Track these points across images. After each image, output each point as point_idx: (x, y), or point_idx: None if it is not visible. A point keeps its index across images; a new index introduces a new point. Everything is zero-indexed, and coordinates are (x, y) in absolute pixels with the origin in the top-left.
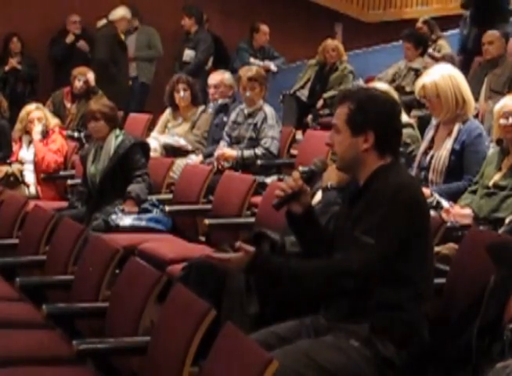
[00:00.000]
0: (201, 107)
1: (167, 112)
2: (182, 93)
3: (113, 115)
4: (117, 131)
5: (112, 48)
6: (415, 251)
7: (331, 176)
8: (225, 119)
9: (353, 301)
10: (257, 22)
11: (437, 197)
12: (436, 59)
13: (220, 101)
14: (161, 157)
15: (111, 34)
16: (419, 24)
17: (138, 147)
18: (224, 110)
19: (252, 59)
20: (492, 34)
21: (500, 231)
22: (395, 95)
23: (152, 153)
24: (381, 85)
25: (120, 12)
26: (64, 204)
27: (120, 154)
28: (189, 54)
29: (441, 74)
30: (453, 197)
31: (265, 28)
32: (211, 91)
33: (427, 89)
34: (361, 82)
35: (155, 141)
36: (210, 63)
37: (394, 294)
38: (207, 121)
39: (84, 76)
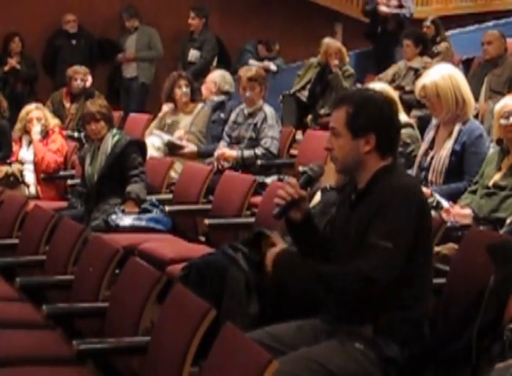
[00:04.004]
0: (201, 104)
1: (165, 108)
2: (184, 89)
3: (111, 115)
4: (114, 131)
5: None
6: (418, 251)
7: (329, 177)
8: (221, 116)
9: (355, 302)
10: (272, 41)
11: (437, 197)
12: None
13: (216, 98)
14: (164, 155)
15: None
16: (427, 23)
17: (135, 146)
18: (220, 107)
19: (251, 61)
20: (491, 34)
21: (501, 232)
22: (393, 93)
23: (155, 152)
24: (378, 85)
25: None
26: (64, 204)
27: (116, 153)
28: (194, 54)
29: (442, 74)
30: (453, 197)
31: (277, 47)
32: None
33: (427, 89)
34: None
35: (159, 139)
36: (214, 63)
37: (397, 293)
38: (204, 117)
39: (83, 75)
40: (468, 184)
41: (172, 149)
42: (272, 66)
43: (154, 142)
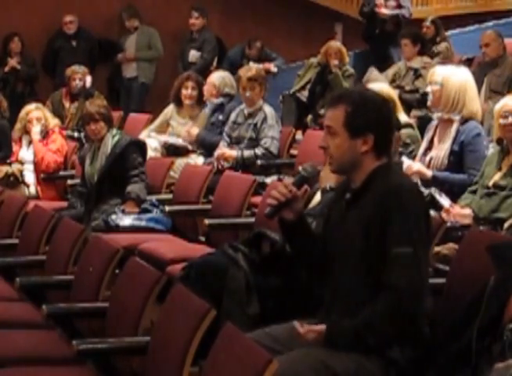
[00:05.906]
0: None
1: (171, 108)
2: (189, 90)
3: (110, 115)
4: (114, 131)
5: None
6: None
7: (329, 177)
8: (220, 118)
9: (357, 305)
10: (253, 39)
11: (437, 196)
12: None
13: (216, 100)
14: (161, 156)
15: None
16: (427, 23)
17: (135, 146)
18: (220, 109)
19: (252, 63)
20: (488, 35)
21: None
22: (392, 92)
23: (153, 153)
24: (377, 85)
25: None
26: (64, 204)
27: (116, 153)
28: (194, 54)
29: (457, 73)
30: (455, 188)
31: (258, 45)
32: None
33: (434, 75)
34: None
35: (155, 140)
36: (214, 64)
37: None
38: (203, 120)
39: (82, 75)
40: (471, 180)
41: (170, 150)
42: (273, 68)
43: (151, 144)
